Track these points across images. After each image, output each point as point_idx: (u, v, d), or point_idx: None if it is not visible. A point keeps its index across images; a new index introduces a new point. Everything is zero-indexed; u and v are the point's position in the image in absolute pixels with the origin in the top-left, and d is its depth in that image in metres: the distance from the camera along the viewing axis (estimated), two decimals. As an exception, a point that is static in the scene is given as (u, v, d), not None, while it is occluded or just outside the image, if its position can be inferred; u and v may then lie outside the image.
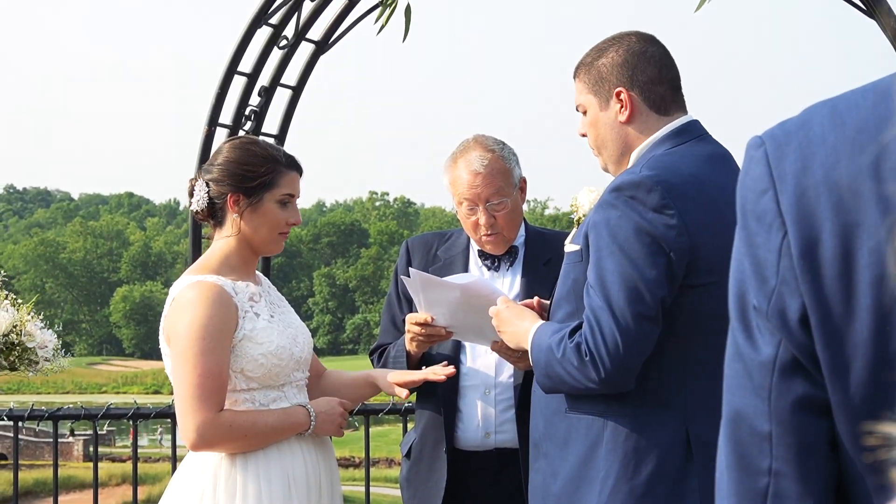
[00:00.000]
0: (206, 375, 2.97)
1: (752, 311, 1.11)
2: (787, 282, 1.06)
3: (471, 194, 3.50)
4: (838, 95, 1.09)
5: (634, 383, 2.63)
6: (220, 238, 3.20)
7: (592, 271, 2.63)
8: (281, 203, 3.18)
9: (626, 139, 2.79)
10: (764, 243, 1.08)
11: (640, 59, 2.78)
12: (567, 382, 2.66)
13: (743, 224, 1.12)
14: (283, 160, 3.20)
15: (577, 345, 2.64)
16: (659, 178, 2.59)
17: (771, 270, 1.08)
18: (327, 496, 3.17)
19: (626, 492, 2.61)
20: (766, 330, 1.10)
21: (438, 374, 3.33)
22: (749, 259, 1.11)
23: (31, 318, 4.00)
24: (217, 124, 5.41)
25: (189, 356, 2.98)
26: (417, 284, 3.26)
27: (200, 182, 3.20)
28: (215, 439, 3.00)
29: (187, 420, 2.98)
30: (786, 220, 1.06)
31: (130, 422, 5.08)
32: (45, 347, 3.98)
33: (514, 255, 3.63)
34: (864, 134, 1.02)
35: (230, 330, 3.04)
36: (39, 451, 44.31)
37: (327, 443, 3.27)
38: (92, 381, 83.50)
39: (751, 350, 1.12)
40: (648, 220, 2.57)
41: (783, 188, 1.07)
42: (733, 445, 1.16)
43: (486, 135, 3.63)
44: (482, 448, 3.54)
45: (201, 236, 5.42)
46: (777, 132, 1.11)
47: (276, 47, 5.51)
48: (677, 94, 2.82)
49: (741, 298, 1.13)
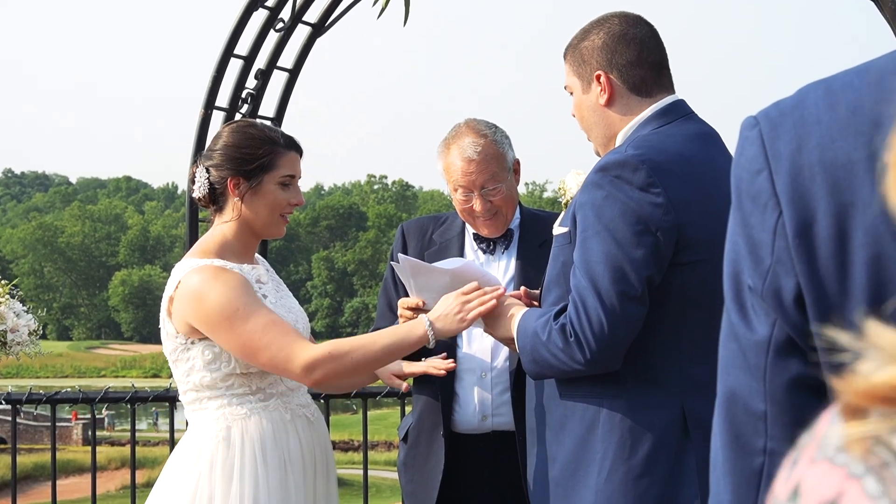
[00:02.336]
0: (269, 323, 2.96)
1: (747, 291, 1.11)
2: (783, 262, 1.06)
3: (465, 181, 3.49)
4: (833, 75, 1.09)
5: (621, 363, 2.63)
6: (220, 221, 3.19)
7: (578, 252, 2.63)
8: (282, 185, 3.16)
9: (608, 122, 2.80)
10: (759, 223, 1.08)
11: (619, 41, 2.79)
12: (553, 366, 2.66)
13: (738, 204, 1.12)
14: (281, 141, 3.18)
15: (561, 326, 2.64)
16: (644, 157, 2.59)
17: (766, 250, 1.08)
18: (322, 476, 3.18)
19: (624, 472, 2.61)
20: (760, 310, 1.10)
21: (439, 369, 3.33)
22: (744, 239, 1.11)
23: (6, 300, 3.94)
24: (214, 107, 5.40)
25: (242, 322, 2.95)
26: (407, 270, 3.26)
27: (201, 168, 3.19)
28: (325, 363, 2.94)
29: (292, 362, 2.92)
30: (781, 201, 1.06)
31: (128, 405, 5.08)
32: (17, 331, 3.93)
33: (509, 238, 3.63)
34: (858, 114, 1.02)
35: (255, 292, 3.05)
36: (38, 435, 44.40)
37: (321, 424, 3.27)
38: (91, 365, 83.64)
39: (746, 330, 1.12)
40: (634, 199, 2.57)
41: (778, 168, 1.07)
42: (728, 425, 1.16)
43: (478, 119, 3.61)
44: (479, 431, 3.54)
45: (199, 220, 5.42)
46: (771, 112, 1.10)
47: (272, 30, 5.50)
48: (660, 75, 2.81)
49: (736, 278, 1.12)
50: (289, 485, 3.05)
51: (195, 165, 3.25)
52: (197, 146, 5.33)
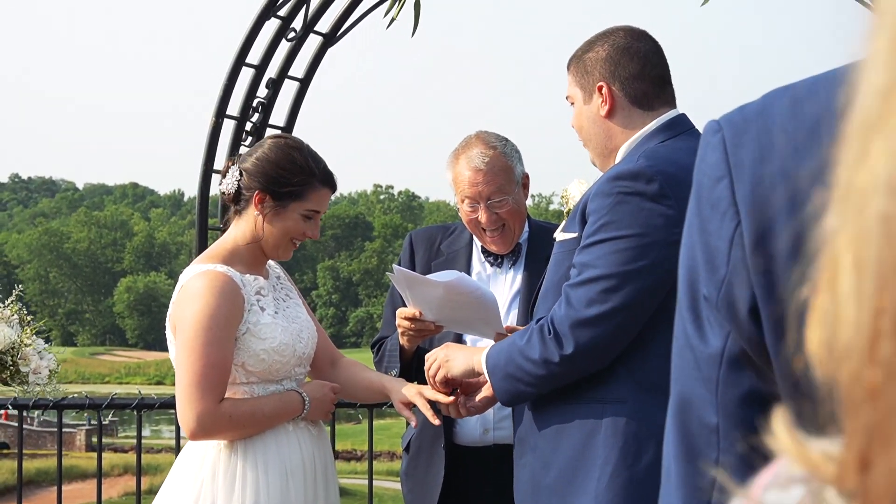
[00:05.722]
0: (210, 366, 2.98)
1: (703, 301, 1.08)
2: (738, 272, 1.03)
3: (472, 192, 3.48)
4: (798, 82, 1.06)
5: (598, 367, 2.63)
6: (236, 226, 3.19)
7: (579, 256, 2.64)
8: (305, 216, 3.16)
9: (608, 133, 2.81)
10: (716, 231, 1.05)
11: (623, 54, 2.81)
12: (529, 372, 2.65)
13: (697, 210, 1.09)
14: (318, 175, 3.15)
15: (540, 326, 2.65)
16: (658, 168, 2.61)
17: (722, 259, 1.05)
18: (322, 484, 3.19)
19: (627, 477, 2.60)
20: (714, 321, 1.07)
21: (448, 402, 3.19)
22: (701, 247, 1.08)
23: (33, 341, 3.98)
24: (224, 116, 5.41)
25: (195, 345, 2.98)
26: (402, 281, 3.26)
27: (235, 168, 3.18)
28: (214, 429, 3.01)
29: (188, 409, 2.98)
30: (740, 210, 1.03)
31: (135, 412, 5.08)
32: (39, 374, 3.97)
33: (517, 252, 3.62)
34: (822, 125, 0.99)
35: (236, 321, 3.04)
36: (42, 440, 44.39)
37: (322, 432, 3.28)
38: (95, 372, 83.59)
39: (699, 342, 1.09)
40: (646, 209, 2.58)
41: (739, 177, 1.04)
42: (681, 436, 1.14)
43: (489, 131, 3.61)
44: (481, 444, 3.54)
45: (208, 227, 5.43)
46: (735, 118, 1.07)
47: (284, 39, 5.51)
48: (663, 89, 2.83)
49: (692, 287, 1.10)
50: (290, 494, 3.06)
51: (231, 161, 3.25)
52: (208, 154, 5.34)
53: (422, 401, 3.14)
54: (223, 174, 3.24)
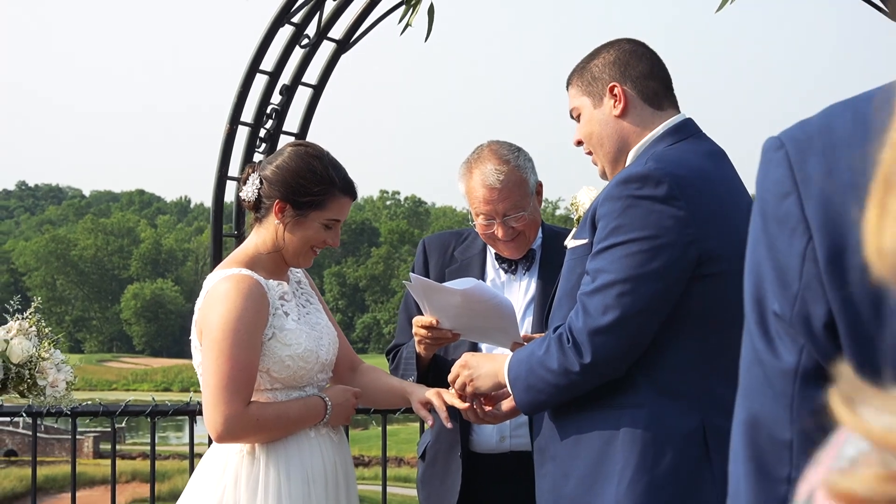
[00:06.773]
0: (238, 368, 2.98)
1: (773, 317, 1.08)
2: (812, 287, 1.03)
3: (487, 209, 3.45)
4: (857, 96, 1.06)
5: (620, 372, 2.63)
6: (257, 233, 3.19)
7: (592, 261, 2.64)
8: (325, 225, 3.16)
9: (622, 133, 2.81)
10: (786, 248, 1.05)
11: (631, 56, 2.84)
12: (549, 382, 2.66)
13: (762, 227, 1.08)
14: (338, 184, 3.15)
15: (559, 335, 2.65)
16: (667, 171, 2.62)
17: (793, 275, 1.04)
18: (343, 491, 3.19)
19: (646, 482, 2.60)
20: (787, 336, 1.07)
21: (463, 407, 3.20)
22: (770, 263, 1.07)
23: (51, 355, 4.00)
24: (239, 122, 5.41)
25: (223, 347, 2.97)
26: (419, 290, 3.25)
27: (255, 175, 3.18)
28: (242, 432, 3.01)
29: (215, 412, 2.98)
30: (811, 225, 1.03)
31: (147, 419, 5.08)
32: (56, 387, 3.99)
33: (531, 258, 3.61)
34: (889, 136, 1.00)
35: (263, 324, 3.04)
36: (49, 447, 44.43)
37: (343, 439, 3.29)
38: (102, 378, 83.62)
39: (771, 357, 1.08)
40: (656, 211, 2.59)
41: (807, 192, 1.03)
42: (752, 453, 1.13)
43: (501, 141, 3.57)
44: (497, 451, 3.53)
45: (223, 235, 5.43)
46: (797, 134, 1.07)
47: (297, 46, 5.51)
48: (669, 91, 2.86)
49: (760, 303, 1.09)
50: (312, 500, 3.07)
51: (251, 167, 3.24)
52: (222, 162, 5.35)
53: (439, 401, 3.15)
54: (243, 181, 3.24)
